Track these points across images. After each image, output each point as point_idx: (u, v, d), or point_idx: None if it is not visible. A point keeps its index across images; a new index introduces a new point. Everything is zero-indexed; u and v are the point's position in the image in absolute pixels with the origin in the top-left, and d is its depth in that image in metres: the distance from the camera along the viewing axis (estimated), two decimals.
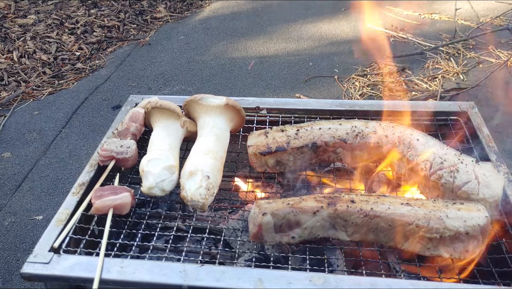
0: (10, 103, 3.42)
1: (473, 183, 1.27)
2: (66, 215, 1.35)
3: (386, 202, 1.22)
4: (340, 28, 4.17)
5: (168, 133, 1.55)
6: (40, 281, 1.23)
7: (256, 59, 3.80)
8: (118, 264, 1.19)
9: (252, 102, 1.79)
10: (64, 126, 3.14)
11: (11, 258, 2.18)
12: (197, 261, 1.23)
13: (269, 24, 4.37)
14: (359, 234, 1.24)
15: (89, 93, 3.50)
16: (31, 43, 4.11)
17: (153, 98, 1.74)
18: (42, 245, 1.25)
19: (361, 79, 3.38)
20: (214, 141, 1.45)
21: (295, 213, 1.23)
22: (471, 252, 1.18)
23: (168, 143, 1.51)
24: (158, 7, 4.82)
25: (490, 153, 1.49)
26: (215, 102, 1.53)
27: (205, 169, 1.35)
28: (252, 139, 1.52)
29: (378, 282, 1.12)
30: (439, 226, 1.17)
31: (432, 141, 1.42)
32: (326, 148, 1.47)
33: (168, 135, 1.54)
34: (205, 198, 1.30)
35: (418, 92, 3.16)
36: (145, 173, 1.41)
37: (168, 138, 1.53)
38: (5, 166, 2.79)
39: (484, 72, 3.30)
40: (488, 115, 2.52)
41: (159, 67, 3.79)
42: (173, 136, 1.55)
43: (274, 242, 1.27)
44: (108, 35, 4.34)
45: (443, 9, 4.29)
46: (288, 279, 1.13)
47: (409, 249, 1.21)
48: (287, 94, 3.28)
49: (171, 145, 1.51)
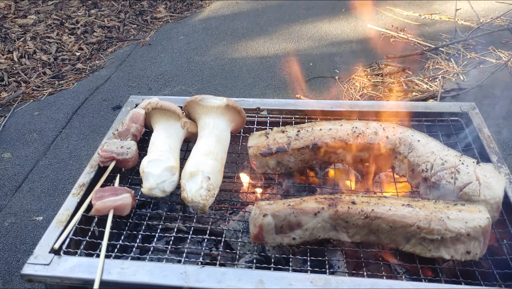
0: (10, 103, 3.42)
1: (474, 184, 1.27)
2: (67, 216, 1.35)
3: (387, 203, 1.22)
4: (341, 28, 4.17)
5: (169, 134, 1.55)
6: (41, 282, 1.23)
7: (256, 59, 3.80)
8: (118, 266, 1.19)
9: (253, 103, 1.78)
10: (64, 127, 3.14)
11: (11, 259, 2.18)
12: (198, 262, 1.23)
13: (269, 25, 4.36)
14: (360, 236, 1.24)
15: (89, 93, 3.49)
16: (31, 44, 4.11)
17: (154, 99, 1.74)
18: (43, 246, 1.25)
19: (361, 80, 3.38)
20: (215, 143, 1.45)
21: (296, 214, 1.23)
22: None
23: (169, 144, 1.51)
24: (158, 7, 4.82)
25: (491, 153, 1.49)
26: (216, 103, 1.53)
27: (205, 170, 1.34)
28: (252, 140, 1.52)
29: (379, 283, 1.12)
30: (440, 227, 1.17)
31: (433, 142, 1.41)
32: (327, 148, 1.46)
33: (168, 136, 1.54)
34: (206, 199, 1.30)
35: (419, 92, 3.16)
36: (146, 174, 1.41)
37: (169, 140, 1.53)
38: (5, 167, 2.79)
39: (484, 72, 3.30)
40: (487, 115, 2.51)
41: (159, 67, 3.79)
42: (174, 137, 1.55)
43: (275, 243, 1.27)
44: (108, 35, 4.34)
45: (443, 10, 4.29)
46: (289, 281, 1.13)
47: (410, 250, 1.21)
48: (288, 95, 3.28)
49: (171, 145, 1.51)
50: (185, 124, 1.56)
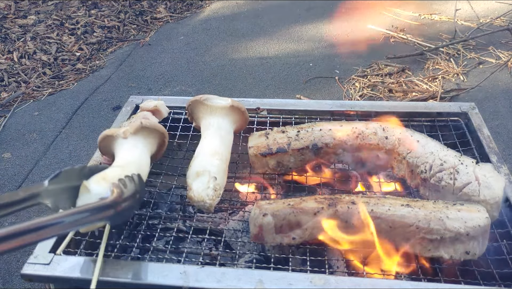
0: (10, 104, 3.42)
1: (473, 184, 1.27)
2: None
3: (386, 204, 1.22)
4: (341, 29, 4.17)
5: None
6: (41, 282, 1.23)
7: (257, 60, 3.81)
8: (118, 265, 1.19)
9: (253, 103, 1.79)
10: (64, 127, 3.14)
11: (11, 259, 2.18)
12: (198, 262, 1.23)
13: (269, 25, 4.37)
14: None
15: (89, 94, 3.50)
16: (31, 44, 4.11)
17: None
18: (43, 246, 1.25)
19: (361, 80, 3.38)
20: (219, 143, 1.45)
21: (296, 213, 1.23)
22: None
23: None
24: (158, 8, 4.83)
25: (490, 153, 1.49)
26: (221, 103, 1.52)
27: (212, 170, 1.34)
28: (252, 140, 1.52)
29: (378, 283, 1.12)
30: (440, 227, 1.17)
31: (432, 142, 1.42)
32: (327, 149, 1.47)
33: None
34: (212, 199, 1.30)
35: (418, 93, 3.17)
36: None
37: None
38: (5, 167, 2.79)
39: (484, 73, 3.30)
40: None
41: (159, 67, 3.80)
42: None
43: (274, 243, 1.27)
44: (108, 35, 4.34)
45: (443, 10, 4.29)
46: (288, 280, 1.13)
47: (410, 250, 1.21)
48: (288, 95, 3.28)
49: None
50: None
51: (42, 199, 1.07)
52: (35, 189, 1.07)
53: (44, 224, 0.91)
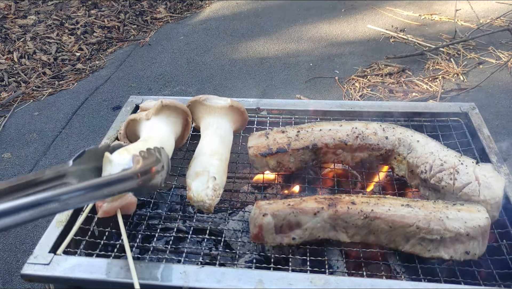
0: (10, 104, 3.42)
1: (473, 184, 1.27)
2: (66, 215, 1.35)
3: (386, 204, 1.22)
4: (340, 29, 4.17)
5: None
6: (40, 282, 1.23)
7: (256, 60, 3.81)
8: (118, 265, 1.19)
9: (253, 103, 1.79)
10: (64, 127, 3.14)
11: (11, 259, 2.18)
12: (198, 262, 1.23)
13: (269, 25, 4.37)
14: (360, 236, 1.24)
15: (89, 94, 3.50)
16: (31, 44, 4.11)
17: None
18: (42, 246, 1.25)
19: (361, 80, 3.38)
20: (219, 143, 1.45)
21: (296, 214, 1.23)
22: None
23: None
24: (158, 8, 4.83)
25: (490, 153, 1.49)
26: (220, 103, 1.53)
27: (211, 170, 1.34)
28: (252, 140, 1.52)
29: (378, 283, 1.12)
30: (440, 227, 1.17)
31: (432, 142, 1.42)
32: (326, 149, 1.47)
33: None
34: (212, 199, 1.30)
35: (419, 93, 3.17)
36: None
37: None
38: (5, 167, 2.79)
39: (484, 73, 3.30)
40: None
41: (159, 67, 3.80)
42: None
43: (274, 243, 1.27)
44: (108, 35, 4.34)
45: (443, 10, 4.29)
46: (288, 280, 1.13)
47: (410, 250, 1.21)
48: (288, 95, 3.28)
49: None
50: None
51: (68, 179, 1.03)
52: (61, 168, 1.02)
53: (62, 193, 0.84)
